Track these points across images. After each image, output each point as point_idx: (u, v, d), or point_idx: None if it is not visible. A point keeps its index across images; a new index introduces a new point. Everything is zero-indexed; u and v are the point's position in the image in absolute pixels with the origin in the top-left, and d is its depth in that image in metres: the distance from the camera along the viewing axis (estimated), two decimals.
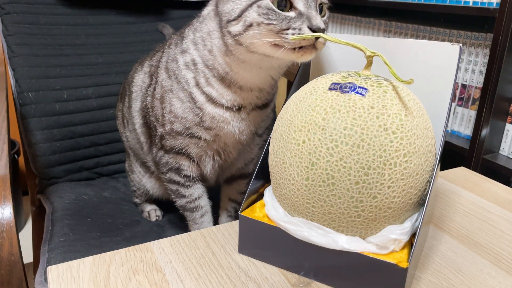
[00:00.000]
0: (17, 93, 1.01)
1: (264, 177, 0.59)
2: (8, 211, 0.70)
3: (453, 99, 1.01)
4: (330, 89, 0.49)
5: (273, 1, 0.55)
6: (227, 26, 0.59)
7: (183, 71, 0.68)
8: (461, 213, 0.68)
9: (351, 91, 0.47)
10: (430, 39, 1.34)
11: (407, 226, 0.49)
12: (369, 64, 0.51)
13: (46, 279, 0.62)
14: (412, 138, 0.46)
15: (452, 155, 1.23)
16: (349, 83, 0.49)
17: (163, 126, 0.72)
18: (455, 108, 1.30)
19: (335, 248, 0.48)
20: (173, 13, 1.30)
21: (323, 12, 0.59)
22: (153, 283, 0.51)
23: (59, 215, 0.89)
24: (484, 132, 1.17)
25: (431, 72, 0.58)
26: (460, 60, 0.56)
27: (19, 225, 1.77)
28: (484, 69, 1.19)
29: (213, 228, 0.62)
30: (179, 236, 0.60)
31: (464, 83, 1.26)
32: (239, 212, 0.55)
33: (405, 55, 0.59)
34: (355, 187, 0.46)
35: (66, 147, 1.05)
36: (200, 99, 0.67)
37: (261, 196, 0.58)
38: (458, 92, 1.29)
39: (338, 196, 0.46)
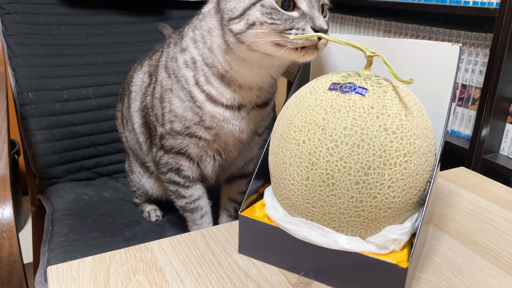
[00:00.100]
0: (17, 93, 1.01)
1: (264, 177, 0.59)
2: (8, 211, 0.70)
3: (453, 99, 1.01)
4: (330, 89, 0.49)
5: (277, 1, 0.55)
6: (229, 24, 0.59)
7: (182, 70, 0.68)
8: (461, 213, 0.68)
9: (351, 91, 0.47)
10: (430, 39, 1.34)
11: (407, 226, 0.49)
12: (369, 64, 0.51)
13: (46, 279, 0.62)
14: (412, 138, 0.46)
15: (452, 155, 1.23)
16: (349, 83, 0.49)
17: (163, 126, 0.72)
18: (455, 108, 1.30)
19: (335, 248, 0.48)
20: (173, 13, 1.30)
21: (324, 13, 0.59)
22: (153, 283, 0.51)
23: (59, 215, 0.89)
24: (484, 132, 1.17)
25: (431, 72, 0.58)
26: (460, 60, 0.56)
27: (19, 225, 1.77)
28: (484, 69, 1.19)
29: (213, 228, 0.62)
30: (179, 236, 0.60)
31: (464, 83, 1.26)
32: (239, 212, 0.55)
33: (405, 55, 0.59)
34: (355, 187, 0.46)
35: (66, 147, 1.05)
36: (200, 98, 0.67)
37: (261, 196, 0.58)
38: (458, 92, 1.29)
39: (338, 196, 0.46)
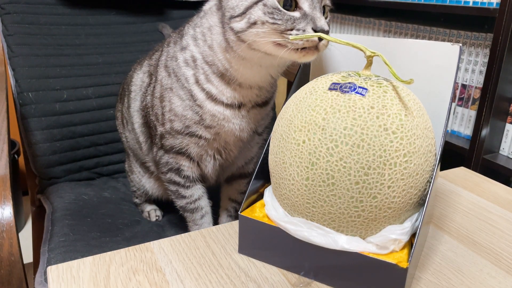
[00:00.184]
0: (17, 93, 1.01)
1: (264, 177, 0.59)
2: (8, 211, 0.70)
3: (453, 99, 1.01)
4: (330, 89, 0.49)
5: (279, 0, 0.55)
6: (230, 22, 0.59)
7: (182, 69, 0.68)
8: (461, 213, 0.68)
9: (351, 91, 0.47)
10: (430, 39, 1.34)
11: (407, 226, 0.49)
12: (369, 64, 0.51)
13: (46, 279, 0.62)
14: (412, 138, 0.46)
15: (452, 155, 1.23)
16: (349, 83, 0.49)
17: (163, 125, 0.72)
18: (455, 108, 1.30)
19: (335, 248, 0.48)
20: (173, 13, 1.30)
21: (325, 14, 0.59)
22: (153, 283, 0.51)
23: (59, 215, 0.89)
24: (484, 132, 1.17)
25: (431, 72, 0.58)
26: (460, 60, 0.56)
27: (19, 225, 1.77)
28: (484, 69, 1.19)
29: (213, 228, 0.62)
30: (179, 236, 0.60)
31: (464, 83, 1.26)
32: (239, 212, 0.55)
33: (405, 55, 0.59)
34: (355, 187, 0.46)
35: (66, 147, 1.05)
36: (200, 96, 0.67)
37: (261, 196, 0.58)
38: (458, 92, 1.29)
39: (338, 196, 0.46)
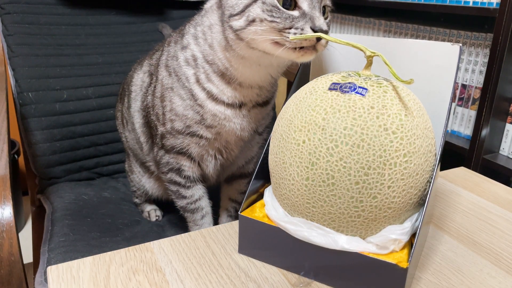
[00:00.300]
0: (17, 93, 1.01)
1: (264, 177, 0.59)
2: (8, 211, 0.70)
3: (453, 99, 1.01)
4: (330, 89, 0.49)
5: None
6: (229, 21, 0.59)
7: (183, 68, 0.68)
8: (461, 213, 0.68)
9: (351, 91, 0.47)
10: (430, 39, 1.34)
11: (407, 226, 0.49)
12: (369, 64, 0.51)
13: (46, 279, 0.62)
14: (412, 138, 0.46)
15: (452, 155, 1.23)
16: (349, 83, 0.49)
17: (163, 125, 0.72)
18: (455, 108, 1.30)
19: (335, 248, 0.48)
20: (173, 13, 1.30)
21: (325, 14, 0.59)
22: (153, 283, 0.51)
23: (59, 215, 0.89)
24: (484, 132, 1.17)
25: (431, 72, 0.58)
26: (460, 60, 0.56)
27: (19, 225, 1.77)
28: (484, 69, 1.19)
29: (213, 228, 0.62)
30: (179, 236, 0.60)
31: (464, 83, 1.26)
32: (239, 212, 0.55)
33: (405, 55, 0.59)
34: (355, 187, 0.46)
35: (66, 147, 1.05)
36: (201, 96, 0.67)
37: (261, 196, 0.58)
38: (458, 92, 1.29)
39: (338, 196, 0.46)
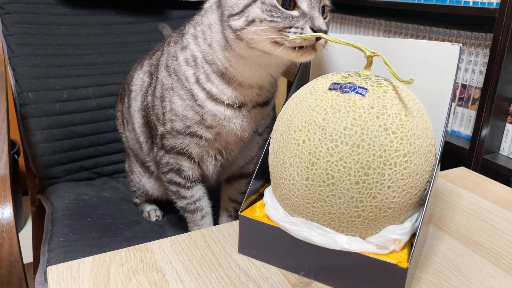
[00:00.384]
0: (17, 93, 1.01)
1: (264, 177, 0.59)
2: (8, 211, 0.70)
3: (453, 99, 1.01)
4: (330, 89, 0.49)
5: None
6: (229, 20, 0.59)
7: (183, 68, 0.68)
8: (461, 213, 0.68)
9: (351, 91, 0.47)
10: (430, 39, 1.34)
11: (407, 226, 0.49)
12: (369, 64, 0.51)
13: (46, 279, 0.62)
14: (412, 138, 0.46)
15: (452, 155, 1.23)
16: (349, 83, 0.49)
17: (163, 125, 0.72)
18: (455, 108, 1.30)
19: (335, 248, 0.48)
20: (173, 13, 1.30)
21: (325, 14, 0.59)
22: (153, 283, 0.51)
23: (59, 215, 0.89)
24: (484, 132, 1.17)
25: (431, 72, 0.58)
26: (460, 60, 0.56)
27: (19, 225, 1.77)
28: (484, 69, 1.19)
29: (213, 228, 0.62)
30: (179, 236, 0.60)
31: (464, 83, 1.26)
32: (239, 212, 0.55)
33: (405, 55, 0.59)
34: (355, 187, 0.46)
35: (66, 147, 1.05)
36: (201, 96, 0.67)
37: (261, 196, 0.58)
38: (458, 92, 1.29)
39: (338, 196, 0.46)
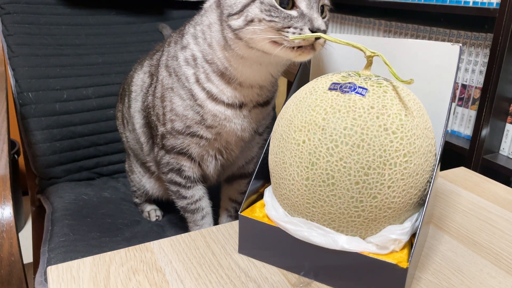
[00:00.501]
0: (17, 93, 1.01)
1: (264, 177, 0.59)
2: (8, 211, 0.70)
3: (453, 99, 1.01)
4: (330, 89, 0.49)
5: None
6: (228, 20, 0.59)
7: (183, 68, 0.68)
8: (461, 213, 0.68)
9: (351, 91, 0.47)
10: (430, 39, 1.34)
11: (407, 226, 0.49)
12: (369, 64, 0.51)
13: (46, 279, 0.62)
14: (412, 138, 0.46)
15: (452, 155, 1.23)
16: (349, 83, 0.49)
17: (164, 125, 0.72)
18: (455, 108, 1.30)
19: (335, 248, 0.48)
20: (173, 13, 1.30)
21: (324, 13, 0.59)
22: (153, 283, 0.51)
23: (59, 215, 0.89)
24: (484, 132, 1.17)
25: (431, 72, 0.58)
26: (460, 60, 0.56)
27: (19, 225, 1.77)
28: (484, 69, 1.19)
29: (213, 228, 0.62)
30: (179, 236, 0.60)
31: (464, 83, 1.26)
32: (239, 212, 0.55)
33: (405, 55, 0.59)
34: (355, 187, 0.46)
35: (66, 147, 1.05)
36: (201, 96, 0.67)
37: (261, 196, 0.58)
38: (458, 92, 1.29)
39: (338, 196, 0.46)
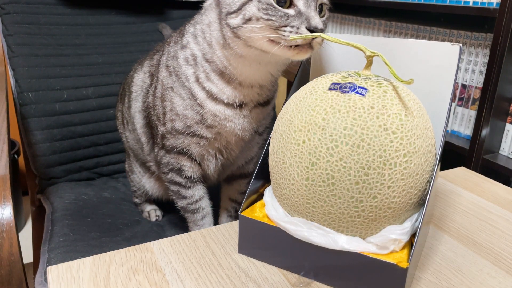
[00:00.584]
0: (17, 93, 1.01)
1: (264, 177, 0.59)
2: (8, 211, 0.70)
3: (453, 99, 1.01)
4: (330, 89, 0.49)
5: None
6: (226, 19, 0.59)
7: (183, 67, 0.68)
8: (461, 213, 0.68)
9: (351, 91, 0.47)
10: (430, 39, 1.34)
11: (407, 226, 0.49)
12: (369, 64, 0.51)
13: (46, 279, 0.62)
14: (412, 138, 0.46)
15: (452, 155, 1.23)
16: (349, 83, 0.49)
17: (164, 125, 0.72)
18: (455, 108, 1.30)
19: (335, 248, 0.48)
20: (173, 13, 1.30)
21: (323, 12, 0.59)
22: (153, 283, 0.51)
23: (59, 215, 0.89)
24: (484, 132, 1.17)
25: (431, 72, 0.58)
26: (460, 60, 0.56)
27: (19, 225, 1.77)
28: (484, 69, 1.19)
29: (213, 228, 0.62)
30: (179, 236, 0.60)
31: (464, 83, 1.26)
32: (239, 212, 0.55)
33: (405, 55, 0.59)
34: (355, 187, 0.46)
35: (66, 147, 1.05)
36: (201, 95, 0.67)
37: (261, 196, 0.58)
38: (458, 92, 1.29)
39: (338, 196, 0.46)
